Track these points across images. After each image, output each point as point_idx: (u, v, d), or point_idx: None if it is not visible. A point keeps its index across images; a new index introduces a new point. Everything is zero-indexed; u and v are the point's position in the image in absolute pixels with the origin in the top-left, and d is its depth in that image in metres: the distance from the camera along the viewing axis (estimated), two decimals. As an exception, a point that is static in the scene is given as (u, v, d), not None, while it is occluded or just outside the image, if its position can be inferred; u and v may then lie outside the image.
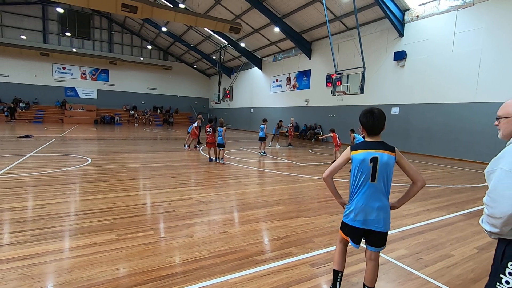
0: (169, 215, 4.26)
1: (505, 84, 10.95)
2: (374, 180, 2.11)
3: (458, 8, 12.28)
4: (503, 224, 1.40)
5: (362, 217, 2.15)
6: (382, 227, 2.14)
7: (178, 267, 2.80)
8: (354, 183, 2.20)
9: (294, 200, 5.33)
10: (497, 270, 1.51)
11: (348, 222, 2.22)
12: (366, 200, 2.13)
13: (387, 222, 2.16)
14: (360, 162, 2.13)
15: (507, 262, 1.48)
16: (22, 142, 12.20)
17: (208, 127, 9.36)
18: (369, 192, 2.13)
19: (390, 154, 2.11)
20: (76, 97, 31.56)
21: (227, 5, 20.26)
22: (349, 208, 2.23)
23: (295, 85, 22.75)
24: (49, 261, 2.82)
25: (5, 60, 28.01)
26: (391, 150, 2.13)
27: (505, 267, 1.48)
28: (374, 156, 2.10)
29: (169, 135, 20.71)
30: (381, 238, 2.19)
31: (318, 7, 16.54)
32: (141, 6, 14.87)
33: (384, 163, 2.10)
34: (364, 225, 2.16)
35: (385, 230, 2.16)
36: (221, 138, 8.95)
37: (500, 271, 1.50)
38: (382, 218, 2.13)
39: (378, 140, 2.18)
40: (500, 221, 1.40)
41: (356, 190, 2.18)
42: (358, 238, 2.25)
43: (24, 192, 5.14)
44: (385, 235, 2.19)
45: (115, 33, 32.95)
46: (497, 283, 1.50)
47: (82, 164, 7.83)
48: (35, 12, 28.97)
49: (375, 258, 2.26)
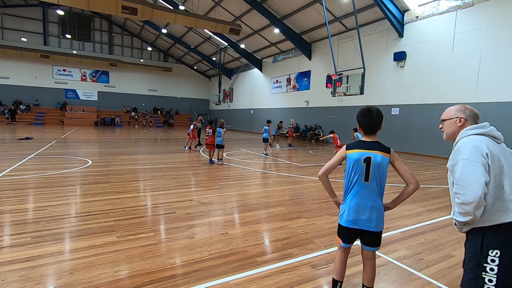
0: (169, 216, 4.26)
1: (505, 84, 10.95)
2: (367, 180, 2.12)
3: (458, 9, 12.30)
4: (475, 207, 1.53)
5: (354, 217, 2.15)
6: (374, 227, 2.14)
7: (178, 269, 2.79)
8: (348, 182, 2.20)
9: (294, 201, 5.33)
10: (478, 261, 1.61)
11: (343, 224, 2.22)
12: (359, 199, 2.14)
13: (379, 222, 2.15)
14: (354, 161, 2.14)
15: (487, 250, 1.58)
16: (23, 144, 12.21)
17: (208, 128, 9.35)
18: (362, 192, 2.14)
19: (384, 155, 2.11)
20: (76, 99, 31.61)
21: (227, 7, 20.30)
22: (343, 208, 2.24)
23: (295, 86, 22.76)
24: (50, 263, 2.82)
25: (6, 63, 28.08)
26: (386, 151, 2.13)
27: (486, 256, 1.58)
28: (368, 156, 2.11)
29: (169, 136, 20.73)
30: (374, 238, 2.18)
31: (318, 8, 16.57)
32: (141, 8, 14.91)
33: (377, 164, 2.10)
34: (356, 225, 2.16)
35: (377, 230, 2.15)
36: (220, 139, 8.95)
37: (482, 261, 1.59)
38: (374, 218, 2.12)
39: (374, 140, 2.18)
40: (472, 205, 1.53)
41: (349, 189, 2.19)
42: (352, 239, 2.24)
43: (24, 194, 5.14)
44: (379, 234, 2.19)
45: (115, 35, 33.02)
46: (482, 272, 1.59)
47: (83, 166, 7.83)
48: (36, 14, 29.05)
49: (372, 257, 2.26)
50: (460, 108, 1.81)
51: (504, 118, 10.99)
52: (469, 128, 1.73)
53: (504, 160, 1.61)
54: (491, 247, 1.58)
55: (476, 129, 1.69)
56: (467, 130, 1.72)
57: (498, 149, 1.63)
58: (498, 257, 1.55)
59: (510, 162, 1.63)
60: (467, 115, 1.77)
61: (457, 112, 1.80)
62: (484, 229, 1.61)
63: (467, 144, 1.64)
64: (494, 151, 1.60)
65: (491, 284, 1.56)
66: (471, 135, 1.68)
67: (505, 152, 1.66)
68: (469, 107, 1.81)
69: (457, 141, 1.74)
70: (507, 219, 1.55)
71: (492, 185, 1.57)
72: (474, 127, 1.71)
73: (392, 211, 4.85)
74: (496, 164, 1.58)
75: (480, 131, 1.68)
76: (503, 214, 1.56)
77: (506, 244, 1.56)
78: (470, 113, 1.78)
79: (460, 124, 1.78)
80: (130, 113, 33.53)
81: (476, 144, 1.60)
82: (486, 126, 1.70)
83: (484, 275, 1.58)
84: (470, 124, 1.76)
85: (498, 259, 1.55)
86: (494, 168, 1.57)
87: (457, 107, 1.83)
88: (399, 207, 5.12)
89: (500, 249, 1.56)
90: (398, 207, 5.05)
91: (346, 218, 2.19)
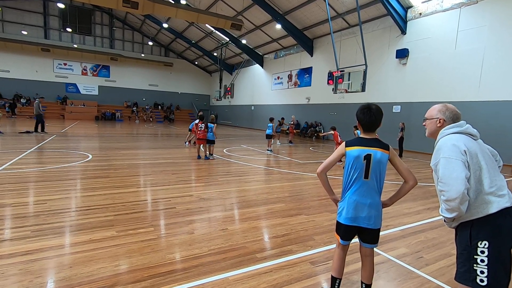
0: (169, 211, 4.26)
1: (508, 82, 10.89)
2: (367, 177, 2.11)
3: (462, 6, 12.18)
4: (459, 202, 1.61)
5: (353, 214, 2.14)
6: (372, 224, 2.14)
7: (178, 264, 2.80)
8: (347, 179, 2.19)
9: (294, 198, 5.32)
10: (469, 254, 1.67)
11: (341, 221, 2.20)
12: (358, 197, 2.13)
13: (378, 219, 2.16)
14: (354, 158, 2.12)
15: (476, 242, 1.65)
16: (23, 137, 12.21)
17: (200, 123, 9.36)
18: (361, 189, 2.12)
19: (384, 152, 2.10)
20: (77, 93, 31.52)
21: (228, 2, 20.15)
22: (342, 205, 2.22)
23: (296, 83, 22.67)
24: (49, 256, 2.82)
25: (6, 56, 27.97)
26: (385, 148, 2.12)
27: (476, 248, 1.64)
28: (368, 153, 2.10)
29: (170, 131, 20.71)
30: (373, 235, 2.19)
31: (320, 4, 16.43)
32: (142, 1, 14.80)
33: (377, 161, 2.09)
34: (354, 223, 2.15)
35: (375, 227, 2.15)
36: (212, 134, 9.05)
37: (472, 253, 1.65)
38: (373, 215, 2.12)
39: (373, 137, 2.17)
40: (457, 201, 1.61)
41: (349, 187, 2.17)
42: (350, 236, 2.23)
43: (24, 187, 5.15)
44: (377, 232, 2.19)
45: (116, 29, 32.83)
46: (474, 264, 1.64)
47: (83, 160, 7.83)
48: (36, 7, 28.86)
49: (370, 254, 2.27)
50: (441, 109, 1.91)
51: (506, 117, 10.95)
52: (447, 127, 1.84)
53: (481, 155, 1.70)
54: (479, 238, 1.64)
55: (453, 128, 1.81)
56: (445, 130, 1.83)
57: (475, 145, 1.73)
58: (487, 248, 1.61)
59: (487, 157, 1.73)
60: (447, 116, 1.87)
61: (438, 113, 1.91)
62: (472, 222, 1.68)
63: (446, 142, 1.74)
64: (472, 148, 1.70)
65: (483, 275, 1.61)
66: (449, 134, 1.79)
67: (482, 148, 1.76)
68: (450, 107, 1.90)
69: (437, 141, 1.85)
70: (491, 210, 1.63)
71: (473, 180, 1.66)
72: (451, 126, 1.82)
73: (392, 209, 4.86)
74: (474, 160, 1.67)
75: (457, 130, 1.79)
76: (486, 206, 1.64)
77: (493, 234, 1.62)
78: (450, 114, 1.87)
79: (439, 125, 1.89)
80: (131, 108, 33.47)
81: (454, 143, 1.70)
82: (462, 125, 1.80)
83: (475, 267, 1.63)
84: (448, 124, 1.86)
85: (487, 250, 1.61)
86: (472, 164, 1.66)
87: (439, 107, 1.93)
88: (399, 205, 5.12)
89: (488, 240, 1.62)
90: (398, 205, 5.06)
91: (345, 215, 2.17)
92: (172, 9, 16.54)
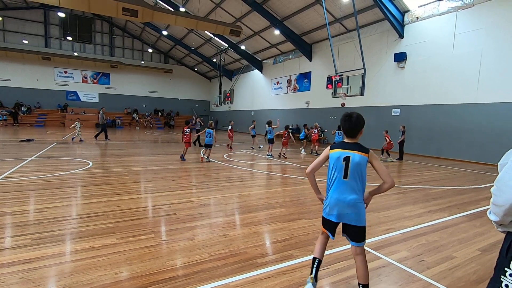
0: (169, 218, 4.25)
1: (506, 84, 10.94)
2: (346, 177, 2.31)
3: (458, 9, 12.30)
4: (504, 212, 1.47)
5: (336, 211, 2.34)
6: (353, 221, 2.30)
7: (179, 270, 2.79)
8: (329, 179, 2.41)
9: (295, 202, 5.32)
10: (502, 263, 1.57)
11: (324, 216, 2.44)
12: (338, 194, 2.33)
13: (359, 217, 2.30)
14: (335, 159, 2.34)
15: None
16: (24, 146, 12.24)
17: (186, 128, 10.02)
18: (341, 188, 2.32)
19: (362, 155, 2.29)
20: (77, 100, 31.68)
21: (227, 8, 20.35)
22: (325, 202, 2.44)
23: (295, 87, 22.77)
24: (50, 265, 2.82)
25: (7, 65, 28.18)
26: (365, 152, 2.31)
27: (510, 261, 1.53)
28: (347, 155, 2.31)
29: (170, 138, 20.74)
30: (357, 232, 2.32)
31: (318, 9, 16.60)
32: (141, 10, 14.96)
33: (356, 163, 2.28)
34: (338, 219, 2.35)
35: (358, 224, 2.30)
36: (211, 139, 9.62)
37: (505, 264, 1.55)
38: (352, 212, 2.30)
39: (355, 142, 2.37)
40: (502, 209, 1.47)
41: (330, 185, 2.39)
42: (332, 230, 2.44)
43: (25, 195, 5.15)
44: (361, 229, 2.32)
45: (116, 37, 33.12)
46: (502, 276, 1.55)
47: (83, 168, 7.84)
48: (37, 17, 29.17)
49: (360, 252, 2.35)
50: None
51: (505, 119, 10.97)
52: None
53: None
54: None
55: None
56: None
57: None
58: None
59: None
60: None
61: None
62: None
63: None
64: None
65: None
66: None
67: None
68: None
69: None
70: None
71: None
72: None
73: (393, 212, 4.86)
74: None
75: None
76: None
77: None
78: None
79: None
80: (131, 115, 33.56)
81: None
82: None
83: (502, 279, 1.55)
84: None
85: None
86: None
87: None
88: (400, 208, 5.12)
89: None
90: (398, 208, 5.06)
91: (328, 211, 2.40)
92: (172, 16, 16.71)
